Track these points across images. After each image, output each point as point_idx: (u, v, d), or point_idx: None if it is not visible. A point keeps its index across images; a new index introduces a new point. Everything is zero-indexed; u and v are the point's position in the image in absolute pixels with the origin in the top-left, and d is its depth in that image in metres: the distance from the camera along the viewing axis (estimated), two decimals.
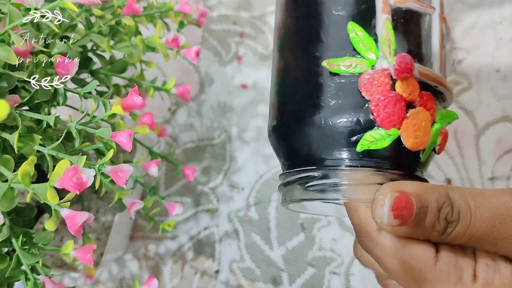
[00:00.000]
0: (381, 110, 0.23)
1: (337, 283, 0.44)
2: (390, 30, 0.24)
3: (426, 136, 0.24)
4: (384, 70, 0.23)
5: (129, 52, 0.32)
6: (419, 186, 0.21)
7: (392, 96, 0.23)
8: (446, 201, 0.21)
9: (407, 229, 0.21)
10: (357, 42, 0.24)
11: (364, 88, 0.23)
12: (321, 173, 0.25)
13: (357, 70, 0.24)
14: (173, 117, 0.51)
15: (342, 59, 0.24)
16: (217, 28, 0.53)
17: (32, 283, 0.25)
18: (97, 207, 0.42)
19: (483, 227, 0.20)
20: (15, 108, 0.24)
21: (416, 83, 0.24)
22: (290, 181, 0.26)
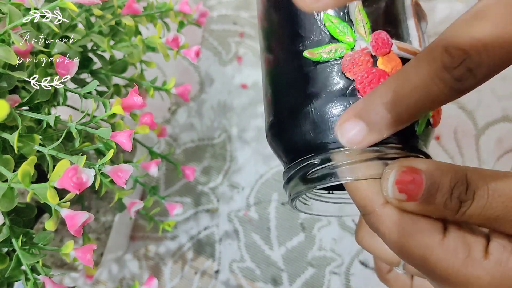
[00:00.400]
0: (367, 86, 0.24)
1: (337, 283, 0.44)
2: (362, 11, 0.25)
3: None
4: (363, 49, 0.25)
5: (129, 52, 0.32)
6: (432, 163, 0.21)
7: (375, 72, 0.24)
8: (461, 180, 0.20)
9: (416, 206, 0.20)
10: (334, 29, 0.25)
11: (347, 69, 0.25)
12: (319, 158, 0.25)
13: (337, 54, 0.25)
14: (173, 117, 0.51)
15: (322, 47, 0.25)
16: (217, 28, 0.53)
17: (32, 283, 0.25)
18: (97, 207, 0.42)
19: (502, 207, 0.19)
20: (15, 108, 0.24)
21: (397, 58, 0.25)
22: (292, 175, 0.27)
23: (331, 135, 0.25)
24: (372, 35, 0.25)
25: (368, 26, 0.25)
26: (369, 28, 0.25)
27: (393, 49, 0.25)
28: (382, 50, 0.24)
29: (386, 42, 0.25)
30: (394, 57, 0.25)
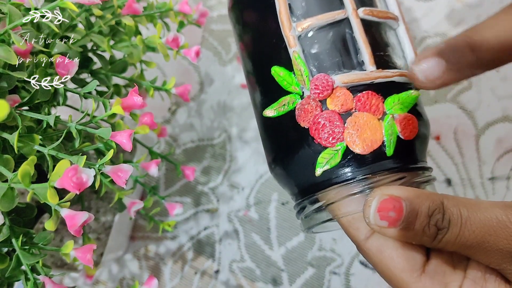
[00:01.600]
0: (320, 132, 0.25)
1: (337, 283, 0.44)
2: (299, 60, 0.25)
3: (376, 133, 0.24)
4: (309, 97, 0.25)
5: (129, 52, 0.32)
6: (411, 191, 0.22)
7: (325, 116, 0.25)
8: (438, 208, 0.21)
9: (396, 232, 0.21)
10: (282, 82, 0.26)
11: (301, 119, 0.25)
12: (306, 202, 0.26)
13: (291, 106, 0.26)
14: (173, 117, 0.51)
15: (277, 102, 0.26)
16: (217, 28, 0.53)
17: (32, 283, 0.25)
18: (97, 207, 0.42)
19: (473, 237, 0.20)
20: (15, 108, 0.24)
21: (346, 92, 0.25)
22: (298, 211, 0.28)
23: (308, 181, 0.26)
24: (310, 83, 0.25)
25: (306, 73, 0.25)
26: (307, 75, 0.25)
27: (337, 85, 0.25)
28: (325, 93, 0.25)
29: (325, 85, 0.25)
30: (342, 91, 0.25)
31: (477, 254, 0.21)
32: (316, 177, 0.25)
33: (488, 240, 0.20)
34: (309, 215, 0.27)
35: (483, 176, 0.46)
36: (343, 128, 0.24)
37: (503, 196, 0.45)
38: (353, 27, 0.26)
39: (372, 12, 0.27)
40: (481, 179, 0.46)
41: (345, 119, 0.24)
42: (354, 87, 0.25)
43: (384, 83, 0.26)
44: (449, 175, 0.46)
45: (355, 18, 0.26)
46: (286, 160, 0.27)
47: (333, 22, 0.26)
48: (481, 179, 0.46)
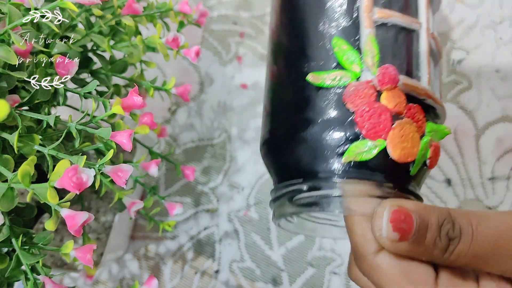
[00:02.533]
0: (366, 121, 0.23)
1: (337, 283, 0.44)
2: (374, 42, 0.24)
3: (414, 147, 0.24)
4: (368, 81, 0.24)
5: (129, 52, 0.32)
6: (418, 204, 0.21)
7: (377, 107, 0.23)
8: (447, 218, 0.21)
9: (407, 246, 0.20)
10: (341, 56, 0.24)
11: (349, 100, 0.24)
12: (308, 185, 0.24)
13: (341, 83, 0.24)
14: (173, 117, 0.51)
15: (327, 72, 0.24)
16: (217, 28, 0.53)
17: (32, 283, 0.25)
18: (97, 207, 0.42)
19: (486, 243, 0.20)
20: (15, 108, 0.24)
21: (402, 95, 0.24)
22: (279, 195, 0.26)
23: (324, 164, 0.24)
24: (379, 69, 0.24)
25: (377, 58, 0.24)
26: (377, 60, 0.24)
27: (399, 85, 0.24)
28: (388, 85, 0.23)
29: (393, 78, 0.23)
30: (399, 93, 0.24)
31: (490, 264, 0.20)
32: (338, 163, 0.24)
33: (502, 246, 0.20)
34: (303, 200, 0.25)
35: (483, 176, 0.46)
36: (390, 127, 0.23)
37: (503, 196, 0.45)
38: (420, 42, 0.26)
39: (436, 39, 0.27)
40: (481, 179, 0.46)
41: (393, 120, 0.23)
42: (409, 96, 0.24)
43: (430, 106, 0.25)
44: (449, 175, 0.46)
45: (426, 35, 0.26)
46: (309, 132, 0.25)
47: (405, 27, 0.25)
48: (481, 179, 0.46)
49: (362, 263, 0.23)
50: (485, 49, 0.49)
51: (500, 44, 0.49)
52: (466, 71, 0.49)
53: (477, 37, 0.50)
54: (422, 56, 0.26)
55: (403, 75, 0.24)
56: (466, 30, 0.50)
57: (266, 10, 0.53)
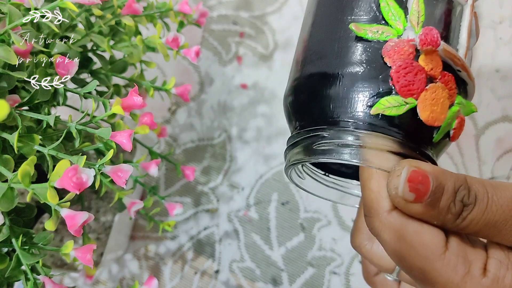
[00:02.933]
0: (401, 77, 0.24)
1: (337, 283, 0.44)
2: (421, 3, 0.24)
3: (442, 113, 0.24)
4: (410, 40, 0.24)
5: (129, 52, 0.32)
6: (437, 168, 0.21)
7: (414, 66, 0.24)
8: (463, 184, 0.21)
9: (421, 208, 0.20)
10: (387, 11, 0.25)
11: (387, 55, 0.24)
12: (330, 133, 0.25)
13: (383, 37, 0.24)
14: (173, 117, 0.51)
15: (370, 25, 0.25)
16: (217, 28, 0.53)
17: (32, 283, 0.25)
18: (97, 207, 0.42)
19: (501, 212, 0.20)
20: (15, 108, 0.24)
21: (439, 60, 0.24)
22: (298, 141, 0.26)
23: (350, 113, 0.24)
24: (423, 29, 0.24)
25: (422, 18, 0.24)
26: (422, 20, 0.24)
27: (439, 49, 0.24)
28: (428, 47, 0.24)
29: (434, 40, 0.24)
30: (437, 58, 0.24)
31: (501, 233, 0.20)
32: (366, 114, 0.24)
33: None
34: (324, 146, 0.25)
35: (483, 176, 0.46)
36: (423, 87, 0.24)
37: None
38: (463, 17, 0.26)
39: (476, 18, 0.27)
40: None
41: (428, 82, 0.24)
42: (445, 63, 0.24)
43: (463, 79, 0.26)
44: None
45: (470, 10, 0.26)
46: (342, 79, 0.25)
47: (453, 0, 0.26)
48: None
49: (373, 220, 0.22)
50: (485, 49, 0.49)
51: (500, 44, 0.49)
52: None
53: None
54: (463, 30, 0.26)
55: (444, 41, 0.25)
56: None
57: (266, 10, 0.53)
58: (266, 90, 0.50)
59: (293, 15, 0.53)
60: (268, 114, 0.49)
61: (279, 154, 0.48)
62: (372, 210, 0.22)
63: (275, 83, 0.51)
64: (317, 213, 0.46)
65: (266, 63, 0.51)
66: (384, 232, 0.22)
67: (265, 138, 0.49)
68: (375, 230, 0.23)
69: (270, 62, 0.51)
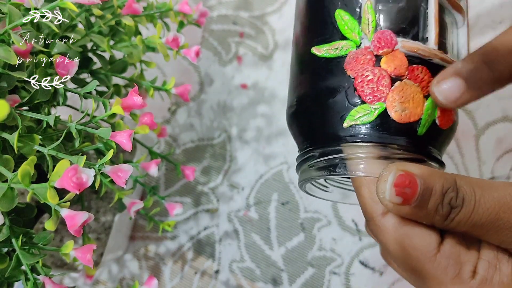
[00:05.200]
0: (365, 86, 0.24)
1: (337, 283, 0.44)
2: (370, 10, 0.25)
3: (417, 107, 0.24)
4: (367, 48, 0.25)
5: (129, 52, 0.32)
6: (426, 169, 0.21)
7: (375, 71, 0.24)
8: (452, 186, 0.21)
9: (409, 210, 0.21)
10: (343, 26, 0.26)
11: (349, 68, 0.25)
12: (318, 152, 0.26)
13: (343, 52, 0.25)
14: (173, 117, 0.51)
15: (329, 44, 0.26)
16: (217, 28, 0.53)
17: (32, 283, 0.25)
18: (97, 207, 0.42)
19: (487, 214, 0.20)
20: (15, 108, 0.24)
21: (403, 57, 0.25)
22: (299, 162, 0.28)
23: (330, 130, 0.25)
24: (375, 34, 0.25)
25: (373, 24, 0.25)
26: (374, 26, 0.25)
27: (398, 47, 0.24)
28: (384, 50, 0.24)
29: (388, 41, 0.24)
30: (399, 55, 0.25)
31: (489, 234, 0.21)
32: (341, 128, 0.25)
33: (502, 218, 0.20)
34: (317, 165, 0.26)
35: (483, 176, 0.46)
36: (389, 89, 0.24)
37: None
38: (429, 4, 0.26)
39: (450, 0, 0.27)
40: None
41: (393, 82, 0.24)
42: (412, 57, 0.25)
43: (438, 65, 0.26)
44: None
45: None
46: (316, 101, 0.26)
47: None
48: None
49: (370, 223, 0.23)
50: None
51: None
52: None
53: (477, 37, 0.50)
54: (430, 17, 0.26)
55: (406, 37, 0.25)
56: None
57: (266, 10, 0.53)
58: (266, 90, 0.50)
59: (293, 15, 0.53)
60: (268, 114, 0.49)
61: (279, 154, 0.48)
62: (367, 214, 0.23)
63: (275, 83, 0.51)
64: (317, 213, 0.46)
65: (266, 63, 0.51)
66: (379, 235, 0.23)
67: (265, 138, 0.49)
68: (372, 233, 0.24)
69: (270, 62, 0.51)
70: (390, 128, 0.24)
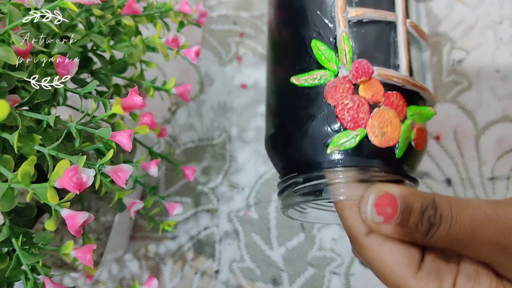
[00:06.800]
0: (345, 113, 0.25)
1: (337, 283, 0.44)
2: (346, 40, 0.26)
3: (395, 132, 0.25)
4: (345, 77, 0.26)
5: (129, 52, 0.32)
6: (405, 189, 0.22)
7: (355, 99, 0.25)
8: (430, 205, 0.22)
9: (391, 228, 0.22)
10: (320, 56, 0.26)
11: (329, 96, 0.26)
12: (303, 178, 0.27)
13: (321, 81, 0.26)
14: (173, 117, 0.51)
15: (308, 74, 0.27)
16: (217, 28, 0.53)
17: (32, 283, 0.25)
18: (97, 207, 0.42)
19: (463, 230, 0.21)
20: (15, 108, 0.24)
21: (379, 85, 0.26)
22: (282, 189, 0.28)
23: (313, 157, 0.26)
24: (352, 64, 0.25)
25: (350, 54, 0.26)
26: (351, 56, 0.26)
27: (374, 76, 0.26)
28: (362, 78, 0.25)
29: (366, 71, 0.25)
30: (376, 83, 0.26)
31: (467, 249, 0.22)
32: (324, 154, 0.25)
33: (478, 234, 0.21)
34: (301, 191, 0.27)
35: (483, 176, 0.46)
36: (368, 116, 0.25)
37: (503, 196, 0.45)
38: (398, 32, 0.27)
39: (416, 27, 0.28)
40: (481, 179, 0.46)
41: (371, 109, 0.25)
42: (386, 84, 0.26)
43: (411, 91, 0.27)
44: (449, 175, 0.46)
45: (402, 25, 0.27)
46: (297, 130, 0.27)
47: (382, 21, 0.27)
48: (481, 179, 0.46)
49: (354, 244, 0.24)
50: (485, 49, 0.49)
51: (500, 44, 0.49)
52: (466, 71, 0.49)
53: (477, 37, 0.50)
54: (400, 46, 0.27)
55: (380, 66, 0.26)
56: (466, 30, 0.50)
57: (266, 10, 0.53)
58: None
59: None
60: None
61: None
62: (351, 235, 0.24)
63: None
64: None
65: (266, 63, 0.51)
66: (363, 254, 0.24)
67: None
68: (358, 252, 0.25)
69: None
70: (371, 153, 0.25)
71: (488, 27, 0.50)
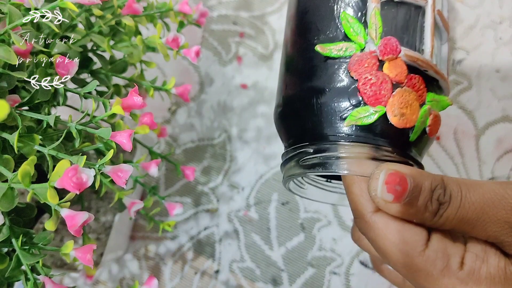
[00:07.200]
0: (368, 88, 0.25)
1: (337, 283, 0.44)
2: (378, 16, 0.26)
3: (413, 114, 0.25)
4: (372, 52, 0.26)
5: (129, 52, 0.32)
6: (414, 169, 0.23)
7: (379, 76, 0.25)
8: (439, 184, 0.22)
9: (400, 207, 0.22)
10: (348, 28, 0.26)
11: (353, 69, 0.26)
12: (313, 148, 0.26)
13: (347, 53, 0.26)
14: (173, 117, 0.51)
15: (334, 44, 0.26)
16: (217, 28, 0.53)
17: (32, 283, 0.25)
18: (97, 207, 0.42)
19: (473, 209, 0.21)
20: (15, 108, 0.24)
21: (403, 66, 0.26)
22: (288, 158, 0.28)
23: (328, 128, 0.26)
24: (382, 40, 0.25)
25: (380, 30, 0.26)
26: (381, 32, 0.26)
27: (400, 55, 0.25)
28: (389, 56, 0.25)
29: (394, 49, 0.25)
30: (401, 63, 0.25)
31: (476, 228, 0.22)
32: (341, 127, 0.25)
33: (487, 212, 0.21)
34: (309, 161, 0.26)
35: (483, 176, 0.46)
36: (390, 94, 0.25)
37: None
38: (426, 18, 0.27)
39: (442, 16, 0.28)
40: (481, 179, 0.46)
41: (393, 88, 0.25)
42: (410, 67, 0.26)
43: (431, 77, 0.27)
44: (449, 175, 0.46)
45: (431, 11, 0.27)
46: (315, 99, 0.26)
47: (412, 4, 0.27)
48: (481, 179, 0.46)
49: (359, 221, 0.24)
50: (485, 49, 0.49)
51: (500, 44, 0.49)
52: (466, 71, 0.49)
53: (477, 37, 0.50)
54: (426, 31, 0.27)
55: (406, 47, 0.26)
56: (466, 30, 0.50)
57: (266, 10, 0.53)
58: (266, 90, 0.50)
59: None
60: (268, 114, 0.49)
61: (279, 154, 0.48)
62: (357, 212, 0.24)
63: (275, 83, 0.50)
64: (317, 213, 0.46)
65: (266, 63, 0.51)
66: (369, 232, 0.23)
67: (265, 138, 0.49)
68: (362, 230, 0.24)
69: (270, 62, 0.51)
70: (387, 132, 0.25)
71: (488, 27, 0.50)
